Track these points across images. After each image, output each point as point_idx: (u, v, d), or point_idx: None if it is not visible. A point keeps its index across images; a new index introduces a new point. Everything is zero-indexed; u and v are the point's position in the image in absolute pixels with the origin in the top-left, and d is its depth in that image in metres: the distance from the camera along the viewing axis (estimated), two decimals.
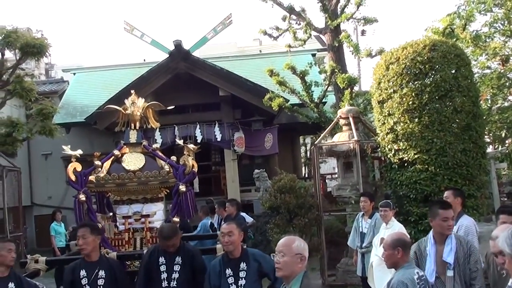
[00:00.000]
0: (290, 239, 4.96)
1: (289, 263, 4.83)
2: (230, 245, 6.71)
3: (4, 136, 13.97)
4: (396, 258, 6.04)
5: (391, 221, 10.34)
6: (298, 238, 5.00)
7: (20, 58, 14.26)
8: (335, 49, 20.20)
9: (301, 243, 4.91)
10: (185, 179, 9.07)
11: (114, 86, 23.69)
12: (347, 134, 14.53)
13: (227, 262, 6.78)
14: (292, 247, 4.86)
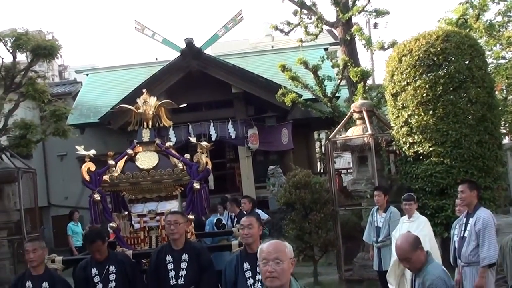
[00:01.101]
0: (281, 244, 4.51)
1: (286, 270, 4.38)
2: (250, 238, 6.71)
3: (19, 138, 14.02)
4: (421, 258, 5.90)
5: (415, 215, 10.23)
6: (284, 241, 4.57)
7: (31, 60, 14.29)
8: (347, 42, 20.12)
9: (290, 246, 4.53)
10: (199, 176, 9.04)
11: (127, 86, 23.71)
12: (361, 128, 14.47)
13: (244, 257, 6.77)
14: (286, 252, 4.45)
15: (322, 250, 14.76)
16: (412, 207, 10.28)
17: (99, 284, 7.20)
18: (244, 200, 14.43)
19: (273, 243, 4.51)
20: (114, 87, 26.84)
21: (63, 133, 14.50)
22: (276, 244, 4.51)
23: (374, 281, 12.99)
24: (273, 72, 23.02)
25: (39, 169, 21.07)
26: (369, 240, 12.00)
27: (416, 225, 9.65)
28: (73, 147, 10.06)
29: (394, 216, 11.30)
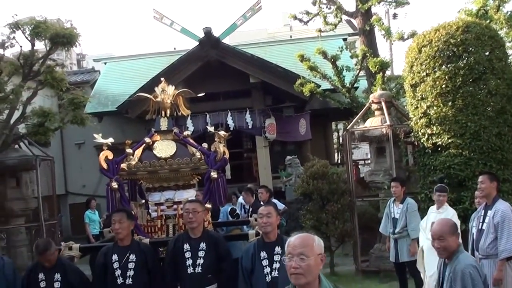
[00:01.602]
0: (309, 238, 4.13)
1: (313, 267, 4.00)
2: (268, 226, 6.72)
3: (37, 126, 14.05)
4: (457, 244, 5.84)
5: (444, 206, 10.13)
6: (314, 235, 4.18)
7: (50, 49, 14.29)
8: (366, 33, 20.04)
9: (320, 240, 4.14)
10: (217, 165, 9.05)
11: (145, 75, 23.73)
12: (379, 119, 14.44)
13: (262, 246, 6.78)
14: (314, 247, 4.06)
15: (339, 240, 14.76)
16: (445, 198, 10.18)
17: (118, 270, 7.22)
18: (261, 190, 14.46)
19: (300, 237, 4.15)
20: (132, 76, 26.86)
21: (81, 121, 14.50)
22: (303, 238, 4.14)
23: (391, 272, 12.98)
24: (291, 62, 22.95)
25: (57, 157, 21.14)
26: (385, 232, 11.98)
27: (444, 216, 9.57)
28: (91, 135, 10.10)
29: (411, 208, 11.27)
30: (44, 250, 7.12)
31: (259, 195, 14.46)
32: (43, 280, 7.14)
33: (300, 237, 4.13)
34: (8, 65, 14.66)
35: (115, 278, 7.21)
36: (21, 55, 14.41)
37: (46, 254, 7.11)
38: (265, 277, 6.60)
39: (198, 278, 7.19)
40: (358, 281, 13.69)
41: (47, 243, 7.36)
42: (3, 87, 13.25)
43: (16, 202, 15.42)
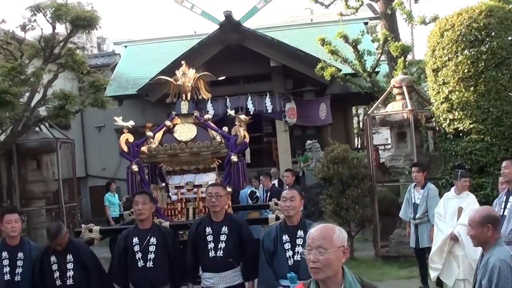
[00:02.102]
0: (329, 229, 3.84)
1: (333, 261, 3.73)
2: (292, 210, 6.70)
3: (58, 109, 14.07)
4: (486, 236, 5.65)
5: (465, 192, 9.97)
6: (335, 225, 3.89)
7: (71, 31, 14.30)
8: (387, 17, 19.84)
9: (342, 231, 3.84)
10: (237, 149, 9.04)
11: (165, 58, 23.70)
12: (400, 103, 14.36)
13: (284, 229, 6.77)
14: (334, 239, 3.77)
15: (359, 226, 14.74)
16: (468, 183, 10.02)
17: (138, 253, 7.23)
18: (287, 173, 14.50)
19: (319, 228, 3.87)
20: (153, 59, 26.84)
21: (101, 104, 14.52)
22: (323, 229, 3.85)
23: (410, 258, 12.94)
24: (312, 46, 22.79)
25: (77, 140, 21.24)
26: (405, 217, 11.93)
27: (470, 200, 9.44)
28: (111, 118, 10.11)
29: (432, 193, 11.22)
30: (55, 234, 7.12)
31: (285, 178, 14.50)
32: (55, 262, 7.15)
33: (320, 228, 3.86)
34: (29, 48, 14.72)
35: (136, 261, 7.21)
36: (42, 38, 14.44)
37: (57, 238, 7.11)
38: (287, 261, 6.60)
39: (220, 262, 7.18)
40: (377, 266, 13.65)
41: (58, 227, 7.35)
42: (24, 69, 13.28)
43: (36, 184, 15.54)
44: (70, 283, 7.10)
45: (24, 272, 7.30)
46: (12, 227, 7.27)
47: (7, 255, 7.32)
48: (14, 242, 7.41)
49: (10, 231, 7.31)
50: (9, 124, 14.24)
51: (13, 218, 7.31)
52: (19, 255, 7.35)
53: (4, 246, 7.42)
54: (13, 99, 11.83)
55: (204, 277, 7.32)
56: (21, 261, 7.33)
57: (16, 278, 7.25)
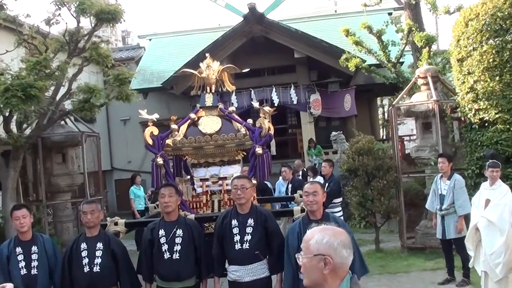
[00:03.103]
0: (311, 232, 3.48)
1: (307, 268, 3.38)
2: (314, 204, 6.66)
3: (83, 102, 14.12)
4: None
5: (498, 182, 9.84)
6: (326, 229, 3.44)
7: (95, 25, 14.35)
8: (412, 7, 19.75)
9: (324, 238, 3.34)
10: (262, 141, 9.02)
11: (189, 51, 23.75)
12: (425, 94, 14.27)
13: (307, 224, 6.72)
14: (310, 244, 3.38)
15: (384, 217, 14.69)
16: (498, 174, 9.85)
17: (165, 245, 7.25)
18: (324, 164, 14.46)
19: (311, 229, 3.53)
20: (177, 52, 26.93)
21: (126, 97, 14.55)
22: (309, 231, 3.52)
23: (436, 249, 12.89)
24: (336, 37, 22.73)
25: (102, 133, 21.35)
26: (432, 208, 11.84)
27: (498, 193, 9.34)
28: (136, 111, 10.15)
29: (459, 184, 11.12)
30: (92, 201, 7.22)
31: (322, 169, 14.48)
32: (85, 249, 7.22)
33: (311, 229, 3.52)
34: (54, 42, 14.78)
35: (162, 253, 7.24)
36: (67, 32, 14.50)
37: (92, 204, 7.22)
38: None
39: (246, 254, 7.16)
40: (403, 258, 13.60)
41: (93, 203, 7.47)
42: (49, 63, 13.33)
43: (62, 178, 15.61)
44: (97, 270, 7.16)
45: (39, 265, 7.38)
46: (20, 223, 7.33)
47: (21, 251, 7.39)
48: (26, 237, 7.47)
49: (19, 227, 7.37)
50: (35, 118, 14.34)
51: (20, 214, 7.35)
52: (33, 249, 7.43)
53: (18, 242, 7.48)
54: (38, 93, 11.87)
55: (230, 269, 7.33)
56: (35, 254, 7.41)
57: (32, 272, 7.33)
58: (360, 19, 20.86)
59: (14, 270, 7.30)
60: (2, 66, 12.96)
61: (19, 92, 11.50)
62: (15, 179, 13.89)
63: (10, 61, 13.42)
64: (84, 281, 7.16)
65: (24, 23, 15.17)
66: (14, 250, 7.39)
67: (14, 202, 13.36)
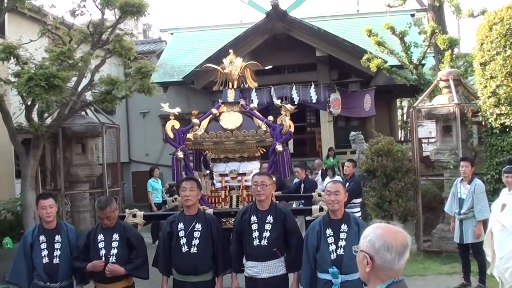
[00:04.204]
0: (368, 228, 3.38)
1: (358, 262, 3.34)
2: (336, 204, 6.68)
3: (104, 94, 14.20)
4: None
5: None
6: (376, 228, 3.31)
7: (119, 18, 14.41)
8: (435, 8, 19.69)
9: (370, 236, 3.26)
10: (282, 138, 9.03)
11: (210, 46, 23.83)
12: (447, 97, 14.20)
13: (327, 223, 6.75)
14: (361, 240, 3.34)
15: (401, 219, 14.62)
16: (510, 179, 9.77)
17: (183, 239, 7.28)
18: (348, 163, 14.47)
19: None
20: (198, 47, 26.99)
21: (148, 90, 14.60)
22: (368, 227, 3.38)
23: (453, 254, 12.84)
24: (357, 36, 22.70)
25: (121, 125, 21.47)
26: (450, 212, 11.76)
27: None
28: (156, 104, 10.20)
29: (479, 189, 11.05)
30: (106, 205, 7.24)
31: (345, 168, 14.50)
32: (103, 241, 7.28)
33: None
34: (78, 33, 14.86)
35: (180, 246, 7.27)
36: (91, 24, 14.58)
37: (106, 210, 7.22)
38: (330, 255, 6.58)
39: (263, 250, 7.18)
40: (419, 261, 13.54)
41: (109, 199, 7.53)
42: (73, 54, 13.41)
43: (81, 168, 15.71)
44: (113, 261, 7.23)
45: (62, 254, 7.43)
46: (46, 212, 7.39)
47: (44, 239, 7.45)
48: (50, 226, 7.54)
49: (45, 217, 7.44)
50: (56, 107, 14.41)
51: (47, 203, 7.41)
52: (56, 238, 7.48)
53: (42, 230, 7.54)
54: (61, 83, 11.93)
55: (248, 265, 7.35)
56: (58, 243, 7.46)
57: (54, 261, 7.38)
58: (382, 20, 20.81)
59: (37, 258, 7.38)
60: (26, 56, 13.05)
61: (42, 82, 11.59)
62: (35, 168, 13.99)
63: (34, 51, 13.51)
64: (102, 272, 7.22)
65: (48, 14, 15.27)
66: (38, 238, 7.47)
67: (33, 191, 13.52)
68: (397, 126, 32.60)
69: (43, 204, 7.40)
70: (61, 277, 7.39)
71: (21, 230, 13.25)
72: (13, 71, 13.30)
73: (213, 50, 21.49)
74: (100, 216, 7.34)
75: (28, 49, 13.38)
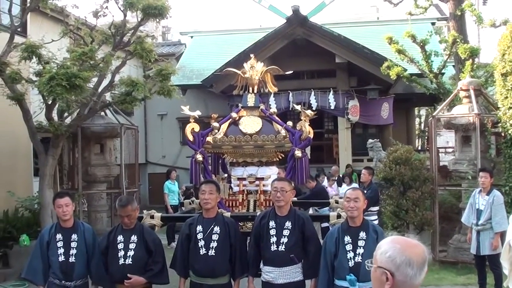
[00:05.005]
0: (382, 243, 3.23)
1: (374, 279, 3.21)
2: (355, 211, 6.68)
3: (124, 95, 14.27)
4: None
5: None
6: (394, 242, 3.16)
7: (141, 19, 14.49)
8: (457, 18, 19.57)
9: (389, 251, 3.10)
10: (301, 144, 9.03)
11: (230, 50, 23.86)
12: (467, 107, 14.14)
13: (346, 230, 6.75)
14: (377, 254, 3.19)
15: (418, 228, 14.57)
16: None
17: (201, 241, 7.32)
18: (364, 171, 14.45)
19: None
20: (218, 50, 27.00)
21: (167, 92, 14.68)
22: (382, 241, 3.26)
23: (468, 265, 12.79)
24: (377, 44, 22.62)
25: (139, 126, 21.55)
26: (468, 222, 11.68)
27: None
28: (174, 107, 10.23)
29: (497, 200, 10.98)
30: (127, 203, 7.31)
31: (362, 176, 14.47)
32: (122, 242, 7.33)
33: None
34: (99, 34, 14.94)
35: (198, 249, 7.30)
36: (112, 25, 14.65)
37: (127, 208, 7.27)
38: (348, 262, 6.58)
39: (281, 256, 7.19)
40: (434, 271, 13.46)
41: (130, 198, 7.66)
42: (94, 55, 13.49)
43: (99, 168, 15.81)
44: (129, 262, 7.30)
45: (78, 253, 7.49)
46: (63, 211, 7.45)
47: (61, 237, 7.51)
48: (67, 225, 7.59)
49: (62, 215, 7.50)
50: (76, 107, 14.48)
51: (64, 202, 7.46)
52: (73, 237, 7.53)
53: (59, 229, 7.61)
54: (82, 83, 12.02)
55: (265, 270, 7.36)
56: (75, 242, 7.51)
57: (70, 260, 7.43)
58: (402, 27, 20.79)
59: (53, 256, 7.43)
60: (48, 55, 13.13)
61: (63, 81, 11.67)
62: (53, 167, 14.08)
63: (56, 51, 13.60)
64: (119, 273, 7.30)
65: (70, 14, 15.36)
66: (55, 236, 7.52)
67: (51, 189, 13.60)
68: (415, 134, 32.48)
69: (59, 203, 7.46)
70: (76, 276, 7.45)
71: (38, 228, 13.35)
72: (34, 70, 13.38)
73: (233, 54, 21.50)
74: (120, 214, 7.38)
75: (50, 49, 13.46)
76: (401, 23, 24.67)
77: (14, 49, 13.16)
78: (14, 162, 15.74)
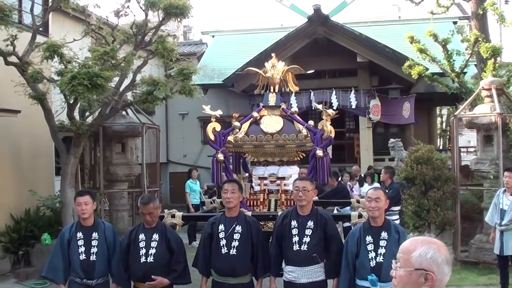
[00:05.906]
0: (413, 243, 3.16)
1: (404, 282, 3.10)
2: (376, 211, 6.68)
3: (146, 94, 14.31)
4: None
5: None
6: (428, 242, 3.13)
7: (162, 19, 14.52)
8: (479, 17, 19.44)
9: (427, 252, 3.06)
10: (323, 144, 9.03)
11: (251, 49, 23.84)
12: (488, 106, 14.04)
13: (367, 230, 6.73)
14: (411, 256, 3.09)
15: (439, 228, 14.48)
16: None
17: (223, 240, 7.33)
18: (383, 170, 14.47)
19: (410, 239, 3.23)
20: (239, 50, 27.01)
21: (189, 92, 14.70)
22: (408, 241, 3.21)
23: (490, 265, 12.70)
24: (398, 43, 22.52)
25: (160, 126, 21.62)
26: (491, 222, 11.58)
27: None
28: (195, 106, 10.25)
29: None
30: (149, 201, 7.33)
31: (381, 176, 14.46)
32: (143, 240, 7.35)
33: (409, 239, 3.26)
34: (121, 34, 15.01)
35: (220, 248, 7.33)
36: (134, 24, 14.70)
37: (149, 206, 7.29)
38: (370, 262, 6.57)
39: (303, 256, 7.20)
40: (456, 271, 13.37)
41: (152, 196, 7.69)
42: (116, 54, 13.54)
43: (120, 167, 15.87)
44: (151, 260, 7.31)
45: (99, 252, 7.52)
46: (82, 209, 7.48)
47: (82, 236, 7.54)
48: (88, 223, 7.63)
49: (81, 213, 7.54)
50: (97, 106, 14.54)
51: (83, 200, 7.49)
52: (93, 235, 7.56)
53: (79, 227, 7.64)
54: (104, 83, 12.06)
55: (287, 270, 7.37)
56: (95, 241, 7.54)
57: (91, 258, 7.46)
58: (423, 26, 20.66)
59: (74, 255, 7.47)
60: (69, 55, 13.20)
61: (85, 81, 11.72)
62: (75, 166, 14.15)
63: (77, 50, 13.67)
64: (140, 271, 7.31)
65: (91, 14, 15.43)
66: (75, 234, 7.55)
67: (72, 188, 13.67)
68: (436, 134, 32.29)
69: (79, 201, 7.50)
70: (97, 274, 7.48)
71: (60, 227, 13.41)
72: (56, 70, 13.45)
73: (254, 54, 21.49)
74: (142, 212, 7.39)
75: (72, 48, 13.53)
76: (422, 22, 24.52)
77: (36, 49, 13.23)
78: (35, 161, 15.82)
